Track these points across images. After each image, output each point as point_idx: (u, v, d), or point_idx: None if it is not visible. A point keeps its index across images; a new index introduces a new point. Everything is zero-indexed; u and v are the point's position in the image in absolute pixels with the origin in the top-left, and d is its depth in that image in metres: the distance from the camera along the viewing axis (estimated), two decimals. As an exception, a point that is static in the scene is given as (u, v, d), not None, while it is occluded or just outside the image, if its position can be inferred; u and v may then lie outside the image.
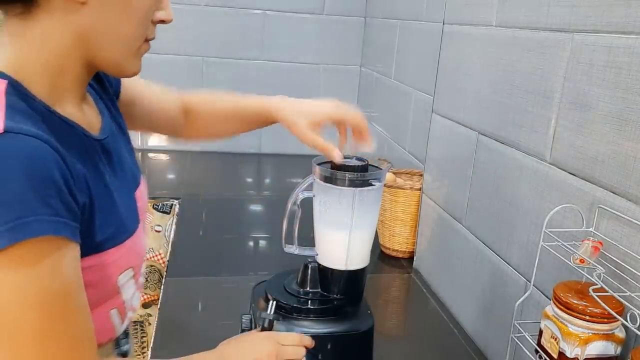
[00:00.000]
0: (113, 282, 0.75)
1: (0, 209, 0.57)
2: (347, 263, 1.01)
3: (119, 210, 0.75)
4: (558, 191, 1.01)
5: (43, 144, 0.60)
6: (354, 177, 0.97)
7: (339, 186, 0.96)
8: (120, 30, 0.71)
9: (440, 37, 1.55)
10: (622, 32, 0.86)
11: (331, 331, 1.02)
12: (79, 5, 0.66)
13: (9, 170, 0.57)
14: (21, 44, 0.67)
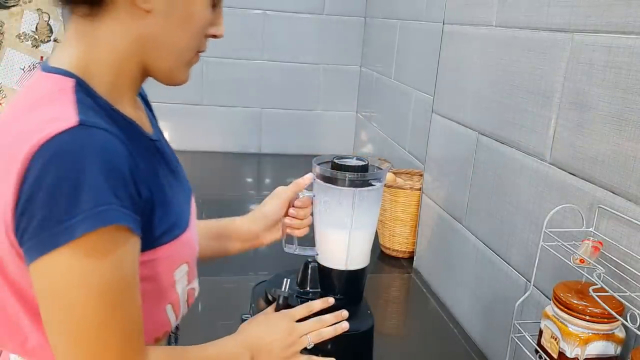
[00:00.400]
0: (170, 277, 0.77)
1: (77, 198, 0.59)
2: (347, 263, 1.01)
3: (174, 206, 0.77)
4: (558, 191, 1.00)
5: (114, 138, 0.63)
6: (354, 177, 0.96)
7: (339, 186, 0.96)
8: (178, 40, 0.74)
9: (440, 37, 1.54)
10: (622, 32, 0.86)
11: None
12: (144, 13, 0.70)
13: (85, 160, 0.60)
14: (86, 44, 0.71)
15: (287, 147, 2.79)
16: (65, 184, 0.59)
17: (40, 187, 0.59)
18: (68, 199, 0.59)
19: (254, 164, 2.67)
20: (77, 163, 0.60)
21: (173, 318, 0.83)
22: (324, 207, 1.00)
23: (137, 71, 0.75)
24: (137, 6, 0.69)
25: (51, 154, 0.60)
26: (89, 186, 0.60)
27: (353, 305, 1.04)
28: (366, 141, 2.64)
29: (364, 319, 1.08)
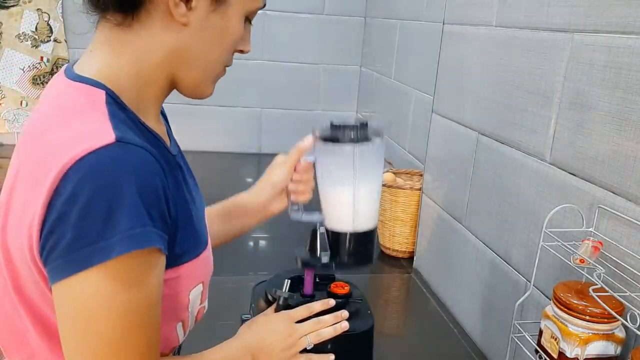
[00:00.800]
0: (185, 297, 0.75)
1: (113, 219, 0.57)
2: (354, 223, 0.99)
3: (195, 223, 0.75)
4: (558, 191, 1.00)
5: (149, 155, 0.61)
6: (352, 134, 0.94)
7: (339, 144, 0.94)
8: (210, 55, 0.74)
9: (440, 37, 1.54)
10: (622, 32, 0.86)
11: None
12: (181, 26, 0.69)
13: (121, 180, 0.58)
14: (115, 53, 0.69)
15: (287, 147, 2.76)
16: (101, 204, 0.57)
17: (74, 205, 0.57)
18: (103, 219, 0.57)
19: (254, 164, 2.67)
20: (114, 182, 0.58)
21: (181, 335, 0.82)
22: (326, 168, 0.99)
23: (165, 83, 0.73)
24: (175, 19, 0.68)
25: (86, 171, 0.57)
26: (125, 207, 0.58)
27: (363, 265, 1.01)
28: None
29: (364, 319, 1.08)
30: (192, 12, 0.69)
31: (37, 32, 2.45)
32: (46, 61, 2.48)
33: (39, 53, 2.46)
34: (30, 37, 2.45)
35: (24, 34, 2.45)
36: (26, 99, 2.52)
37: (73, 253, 0.58)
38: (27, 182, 0.63)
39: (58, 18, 2.46)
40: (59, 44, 2.48)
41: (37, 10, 2.43)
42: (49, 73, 2.51)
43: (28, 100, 2.53)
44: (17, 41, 2.43)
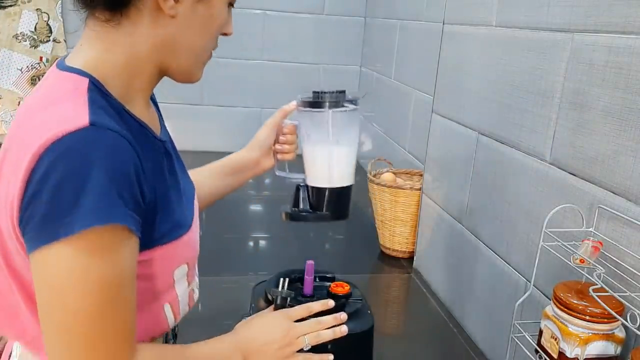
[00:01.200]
0: (169, 276, 0.79)
1: (80, 197, 0.61)
2: (331, 180, 1.09)
3: (178, 206, 0.79)
4: (558, 191, 1.01)
5: (123, 140, 0.65)
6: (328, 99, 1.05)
7: (319, 110, 1.05)
8: (198, 42, 0.77)
9: (440, 37, 1.55)
10: (622, 32, 0.86)
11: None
12: (169, 18, 0.73)
13: (93, 162, 0.61)
14: (103, 46, 0.73)
15: (287, 147, 2.79)
16: (70, 183, 0.61)
17: (46, 183, 0.61)
18: (72, 197, 0.61)
19: (254, 164, 2.67)
20: (84, 163, 0.61)
21: (171, 318, 0.83)
22: (307, 131, 1.10)
23: (154, 72, 0.77)
24: (163, 12, 0.72)
25: (59, 153, 0.61)
26: (92, 186, 0.61)
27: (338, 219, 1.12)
28: (366, 141, 2.64)
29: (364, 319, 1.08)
30: (179, 5, 0.72)
31: (37, 32, 2.42)
32: (45, 61, 2.45)
33: (38, 53, 2.43)
34: (29, 37, 2.42)
35: (22, 34, 2.42)
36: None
37: (43, 226, 0.62)
38: (11, 163, 0.66)
39: (57, 18, 2.44)
40: (58, 44, 2.46)
41: (36, 10, 2.41)
42: None
43: None
44: (15, 41, 2.40)
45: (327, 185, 1.10)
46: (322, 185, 1.10)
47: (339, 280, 1.13)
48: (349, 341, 1.04)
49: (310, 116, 1.09)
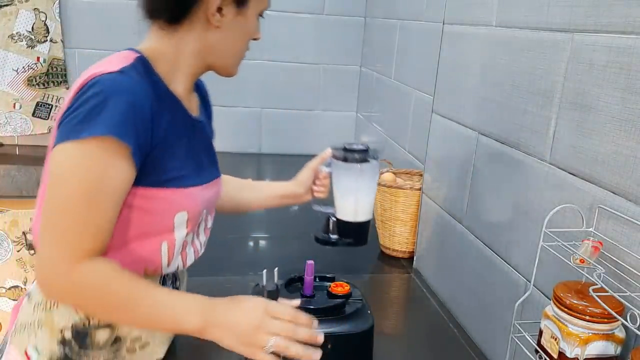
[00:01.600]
0: (169, 219, 0.94)
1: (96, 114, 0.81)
2: (355, 216, 1.36)
3: (190, 165, 0.97)
4: (558, 191, 1.01)
5: (142, 88, 0.87)
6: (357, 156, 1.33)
7: (349, 162, 1.33)
8: (236, 46, 1.01)
9: (440, 37, 1.55)
10: (622, 32, 0.86)
11: (331, 331, 1.02)
12: (214, 29, 0.95)
13: (114, 92, 0.83)
14: (160, 41, 0.96)
15: (287, 147, 2.79)
16: (94, 103, 0.82)
17: (78, 101, 0.84)
18: (90, 112, 0.82)
19: (254, 164, 2.67)
20: (108, 91, 0.83)
21: (165, 260, 0.97)
22: (338, 177, 1.37)
23: (199, 67, 0.99)
24: (211, 24, 0.95)
25: (93, 83, 0.84)
26: (108, 109, 0.82)
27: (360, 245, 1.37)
28: (366, 141, 2.64)
29: (364, 319, 1.08)
30: (223, 17, 0.95)
31: (34, 32, 2.38)
32: (42, 62, 2.41)
33: (35, 53, 2.39)
34: (26, 37, 2.38)
35: (18, 34, 2.37)
36: (19, 101, 2.42)
37: (64, 129, 0.83)
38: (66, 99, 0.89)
39: (55, 18, 2.40)
40: (55, 44, 2.42)
41: (34, 9, 2.36)
42: (45, 74, 2.44)
43: (22, 103, 2.42)
44: (10, 41, 2.35)
45: (352, 219, 1.36)
46: (347, 219, 1.36)
47: (339, 281, 1.13)
48: (349, 341, 1.04)
49: (341, 167, 1.35)
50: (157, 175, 0.90)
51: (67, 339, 0.94)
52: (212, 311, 0.87)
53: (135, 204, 0.90)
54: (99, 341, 0.95)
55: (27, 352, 0.96)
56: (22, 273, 2.01)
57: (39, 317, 0.95)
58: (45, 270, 0.84)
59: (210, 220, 1.12)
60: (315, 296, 1.09)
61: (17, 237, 1.97)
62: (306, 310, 1.02)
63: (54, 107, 2.48)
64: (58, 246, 0.83)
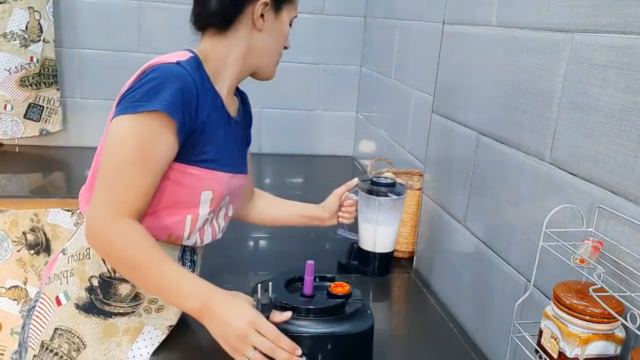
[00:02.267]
0: (196, 194, 1.08)
1: (154, 94, 0.98)
2: (375, 247, 1.50)
3: (222, 152, 1.11)
4: (558, 191, 1.01)
5: (192, 78, 1.03)
6: (378, 190, 1.46)
7: (371, 195, 1.45)
8: (274, 47, 1.17)
9: (440, 37, 1.55)
10: (622, 32, 0.86)
11: (331, 331, 1.02)
12: (257, 32, 1.12)
13: (169, 78, 1.00)
14: (211, 45, 1.12)
15: (287, 147, 2.79)
16: (152, 85, 0.98)
17: (138, 82, 1.00)
18: (148, 92, 0.98)
19: (254, 164, 2.66)
20: (165, 76, 0.99)
21: (187, 231, 1.12)
22: (362, 207, 1.50)
23: (243, 70, 1.15)
24: (255, 27, 1.11)
25: (153, 70, 1.01)
26: (162, 91, 0.98)
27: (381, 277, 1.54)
28: (366, 141, 2.64)
29: (364, 319, 1.08)
30: (265, 22, 1.12)
31: (28, 31, 2.33)
32: (36, 62, 2.36)
33: (28, 53, 2.34)
34: (20, 37, 2.32)
35: (11, 33, 2.31)
36: (11, 102, 2.36)
37: (124, 104, 0.99)
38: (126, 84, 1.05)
39: (48, 18, 2.35)
40: (47, 44, 2.38)
41: (28, 8, 2.31)
42: (37, 74, 2.38)
43: (13, 104, 2.37)
44: (3, 40, 2.30)
45: (372, 250, 1.50)
46: (368, 249, 1.50)
47: (339, 281, 1.13)
48: (349, 341, 1.04)
49: (364, 197, 1.47)
50: (193, 155, 1.05)
51: (94, 286, 1.09)
52: (211, 301, 0.98)
53: (171, 176, 1.05)
54: (121, 293, 1.10)
55: (57, 298, 1.11)
56: (22, 273, 2.00)
57: (72, 267, 1.11)
58: (94, 219, 0.99)
59: (232, 209, 1.25)
60: (315, 296, 1.08)
61: (17, 237, 1.97)
62: (306, 310, 1.03)
63: (45, 108, 2.44)
64: (107, 200, 0.98)
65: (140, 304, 1.11)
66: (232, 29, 1.11)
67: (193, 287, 1.00)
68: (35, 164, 2.37)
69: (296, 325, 1.01)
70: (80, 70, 2.50)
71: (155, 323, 1.14)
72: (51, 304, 1.12)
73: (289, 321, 1.01)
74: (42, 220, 1.96)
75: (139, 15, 2.44)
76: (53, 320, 1.11)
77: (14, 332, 2.04)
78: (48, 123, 2.47)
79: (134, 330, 1.11)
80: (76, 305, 1.10)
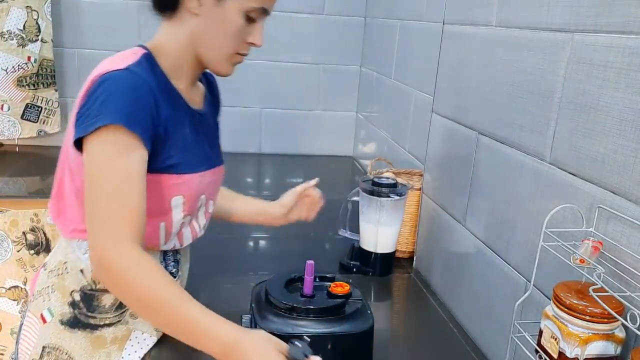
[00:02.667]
0: (167, 201, 1.03)
1: (107, 106, 0.92)
2: (376, 247, 1.50)
3: (185, 154, 1.04)
4: (558, 191, 1.01)
5: (145, 82, 0.96)
6: (378, 191, 1.46)
7: (372, 196, 1.45)
8: (217, 38, 1.03)
9: (440, 37, 1.54)
10: (622, 32, 0.86)
11: (331, 331, 1.02)
12: (194, 16, 1.02)
13: (120, 87, 0.94)
14: (162, 35, 1.06)
15: (287, 147, 2.78)
16: (105, 97, 0.92)
17: (90, 97, 0.94)
18: (100, 106, 0.92)
19: (254, 164, 2.67)
20: (115, 87, 0.93)
21: (163, 239, 1.08)
22: (363, 208, 1.49)
23: (193, 60, 1.06)
24: (191, 11, 1.01)
25: (103, 80, 0.94)
26: (120, 102, 0.92)
27: (382, 277, 1.55)
28: (366, 141, 2.64)
29: (364, 318, 1.08)
30: (201, 7, 1.00)
31: (25, 31, 2.31)
32: (33, 61, 2.34)
33: (26, 53, 2.32)
34: (17, 36, 2.30)
35: (9, 32, 2.29)
36: (8, 102, 2.34)
37: (82, 124, 0.93)
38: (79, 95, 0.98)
39: (46, 17, 2.34)
40: (45, 44, 2.36)
41: (26, 7, 2.29)
42: (35, 74, 2.36)
43: (10, 104, 2.35)
44: (0, 40, 2.28)
45: (373, 250, 1.50)
46: (369, 249, 1.51)
47: (339, 281, 1.13)
48: (349, 341, 1.04)
49: (365, 197, 1.47)
50: (157, 163, 0.99)
51: (77, 300, 1.07)
52: (236, 348, 0.87)
53: None
54: (105, 304, 1.08)
55: (42, 315, 1.09)
56: (22, 273, 2.00)
57: (53, 282, 1.09)
58: (101, 250, 0.92)
59: (212, 205, 1.21)
60: (315, 296, 1.08)
61: (17, 237, 1.97)
62: (306, 310, 1.03)
63: (43, 109, 2.42)
64: (107, 227, 0.92)
65: (125, 311, 1.10)
66: (178, 13, 1.03)
67: (219, 332, 0.89)
68: (35, 164, 2.37)
69: (296, 326, 1.01)
70: (80, 70, 2.50)
71: (143, 327, 1.12)
72: (37, 322, 1.10)
73: (288, 321, 1.01)
74: (42, 220, 1.96)
75: (139, 15, 2.44)
76: (40, 339, 1.09)
77: (14, 332, 2.04)
78: (46, 124, 2.45)
79: (121, 338, 1.10)
80: (61, 322, 1.08)
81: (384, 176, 1.56)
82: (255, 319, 1.04)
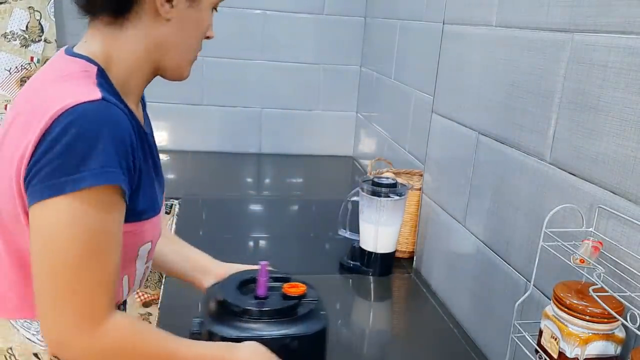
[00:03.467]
0: (135, 251, 0.88)
1: (89, 158, 0.71)
2: (376, 247, 1.50)
3: (152, 190, 0.89)
4: (558, 191, 1.01)
5: (125, 117, 0.77)
6: (378, 191, 1.46)
7: (372, 196, 1.45)
8: (188, 42, 0.89)
9: (440, 37, 1.54)
10: (622, 32, 0.86)
11: (283, 333, 0.98)
12: (164, 21, 0.84)
13: (102, 128, 0.73)
14: (108, 44, 0.84)
15: (287, 147, 2.78)
16: (82, 144, 0.71)
17: (59, 143, 0.71)
18: (81, 157, 0.71)
19: (254, 164, 2.67)
20: (95, 129, 0.72)
21: (126, 290, 0.92)
22: (363, 208, 1.49)
23: (149, 72, 0.88)
24: (160, 16, 0.83)
25: (73, 118, 0.71)
26: (101, 150, 0.72)
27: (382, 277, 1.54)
28: (366, 141, 2.64)
29: (316, 320, 1.02)
30: (173, 10, 0.83)
31: (28, 32, 2.31)
32: (37, 62, 2.34)
33: (29, 53, 2.32)
34: (20, 37, 2.30)
35: (12, 33, 2.29)
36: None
37: (51, 180, 0.71)
38: (20, 128, 0.76)
39: (49, 18, 2.33)
40: (49, 44, 2.36)
41: (28, 8, 2.29)
42: None
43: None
44: (4, 41, 2.28)
45: (373, 250, 1.50)
46: (369, 249, 1.50)
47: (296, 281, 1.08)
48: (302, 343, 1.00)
49: (365, 197, 1.47)
50: (134, 209, 0.82)
51: None
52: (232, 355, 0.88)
53: None
54: None
55: None
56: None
57: None
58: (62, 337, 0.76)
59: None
60: (268, 297, 1.05)
61: None
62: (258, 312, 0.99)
63: None
64: (70, 309, 0.75)
65: None
66: (131, 17, 0.82)
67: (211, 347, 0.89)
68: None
69: (247, 328, 0.97)
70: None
71: None
72: None
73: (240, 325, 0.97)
74: None
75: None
76: None
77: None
78: None
79: None
80: None
81: (384, 176, 1.56)
82: (205, 322, 1.00)
